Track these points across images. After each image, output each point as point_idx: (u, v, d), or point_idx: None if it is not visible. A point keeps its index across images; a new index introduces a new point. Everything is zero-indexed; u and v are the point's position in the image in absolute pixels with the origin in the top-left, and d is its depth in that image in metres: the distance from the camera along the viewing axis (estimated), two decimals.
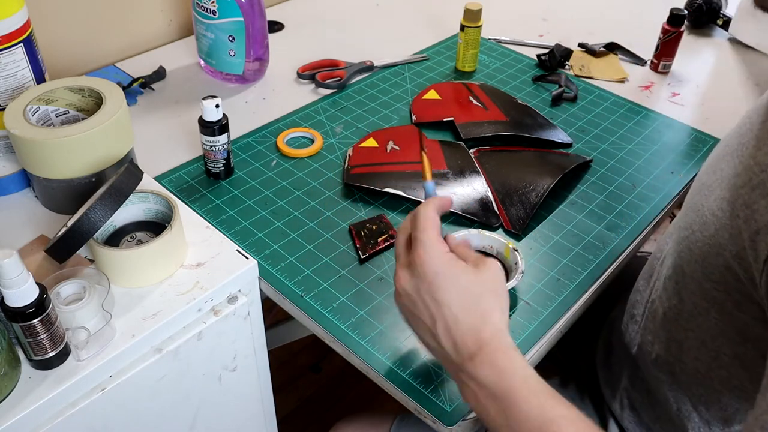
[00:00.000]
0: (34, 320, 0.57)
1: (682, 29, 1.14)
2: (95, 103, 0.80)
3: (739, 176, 0.57)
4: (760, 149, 0.56)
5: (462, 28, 1.14)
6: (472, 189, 0.89)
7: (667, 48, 1.16)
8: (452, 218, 0.86)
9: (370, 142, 0.98)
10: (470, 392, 0.55)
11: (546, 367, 0.84)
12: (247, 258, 0.75)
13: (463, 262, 0.58)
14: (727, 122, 0.99)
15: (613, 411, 0.82)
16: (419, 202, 0.87)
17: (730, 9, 1.33)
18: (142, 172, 0.70)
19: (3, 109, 0.78)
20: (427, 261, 0.57)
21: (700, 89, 1.16)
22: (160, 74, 1.10)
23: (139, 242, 0.73)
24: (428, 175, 0.67)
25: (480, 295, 0.57)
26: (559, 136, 1.01)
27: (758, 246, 0.52)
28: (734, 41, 1.30)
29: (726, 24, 1.30)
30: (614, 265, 0.82)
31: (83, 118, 0.77)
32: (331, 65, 1.16)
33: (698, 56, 1.26)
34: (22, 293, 0.55)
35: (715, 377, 0.65)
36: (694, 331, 0.66)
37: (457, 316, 0.56)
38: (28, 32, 0.78)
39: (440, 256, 0.57)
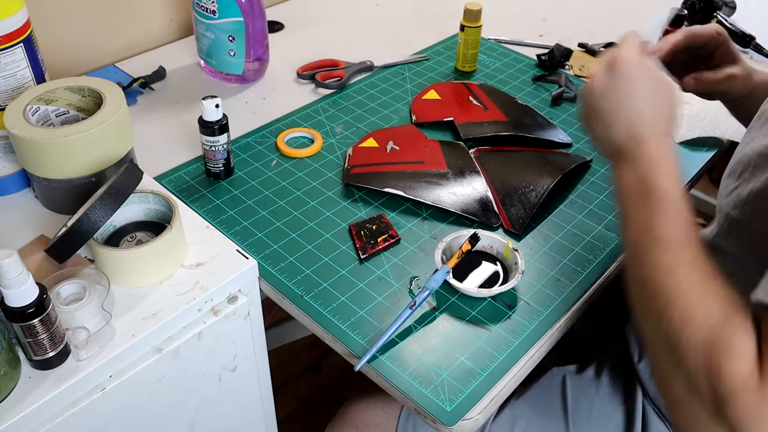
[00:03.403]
0: (34, 320, 0.57)
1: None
2: (95, 103, 0.80)
3: None
4: None
5: (462, 28, 1.14)
6: (472, 189, 0.89)
7: None
8: (452, 218, 0.86)
9: (370, 142, 0.98)
10: (625, 170, 0.62)
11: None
12: (247, 258, 0.75)
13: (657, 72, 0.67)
14: (727, 122, 1.00)
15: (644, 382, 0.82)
16: (419, 202, 0.88)
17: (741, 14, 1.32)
18: (142, 172, 0.70)
19: (3, 109, 0.78)
20: (627, 60, 0.64)
21: None
22: (160, 74, 1.10)
23: (139, 242, 0.73)
24: (452, 262, 0.74)
25: (666, 103, 0.65)
26: (559, 136, 1.01)
27: None
28: None
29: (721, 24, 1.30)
30: (614, 265, 0.82)
31: (83, 118, 0.77)
32: (331, 65, 1.16)
33: None
34: (22, 293, 0.55)
35: None
36: None
37: (643, 112, 0.64)
38: (28, 32, 0.78)
39: (639, 59, 0.65)
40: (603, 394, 0.85)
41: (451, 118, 1.03)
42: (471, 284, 0.77)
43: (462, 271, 0.78)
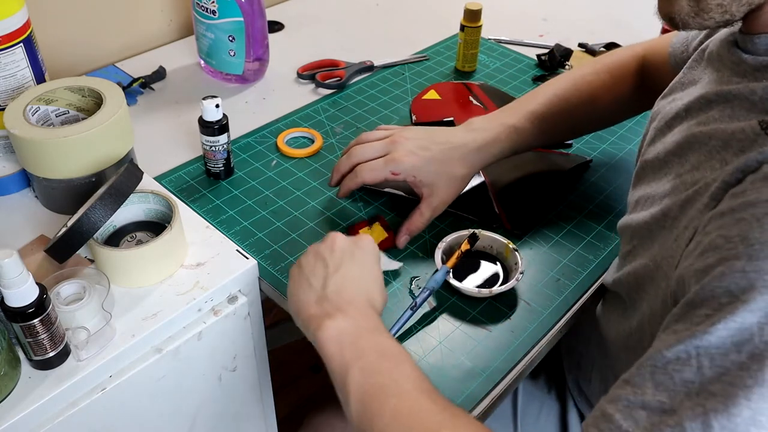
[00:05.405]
0: (34, 320, 0.57)
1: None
2: (95, 103, 0.80)
3: None
4: None
5: (462, 28, 1.13)
6: (471, 189, 0.89)
7: None
8: (452, 218, 0.86)
9: None
10: (333, 324, 0.63)
11: None
12: (247, 258, 0.75)
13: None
14: None
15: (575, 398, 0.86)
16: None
17: None
18: (142, 172, 0.70)
19: (3, 109, 0.78)
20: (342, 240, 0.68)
21: None
22: (160, 74, 1.10)
23: (139, 242, 0.73)
24: (452, 262, 0.74)
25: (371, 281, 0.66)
26: None
27: None
28: None
29: None
30: None
31: (83, 118, 0.77)
32: (331, 65, 1.16)
33: None
34: (22, 293, 0.55)
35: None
36: None
37: (355, 280, 0.65)
38: (28, 32, 0.78)
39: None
40: (554, 396, 0.88)
41: (451, 118, 1.03)
42: (471, 284, 0.77)
43: (462, 271, 0.78)
